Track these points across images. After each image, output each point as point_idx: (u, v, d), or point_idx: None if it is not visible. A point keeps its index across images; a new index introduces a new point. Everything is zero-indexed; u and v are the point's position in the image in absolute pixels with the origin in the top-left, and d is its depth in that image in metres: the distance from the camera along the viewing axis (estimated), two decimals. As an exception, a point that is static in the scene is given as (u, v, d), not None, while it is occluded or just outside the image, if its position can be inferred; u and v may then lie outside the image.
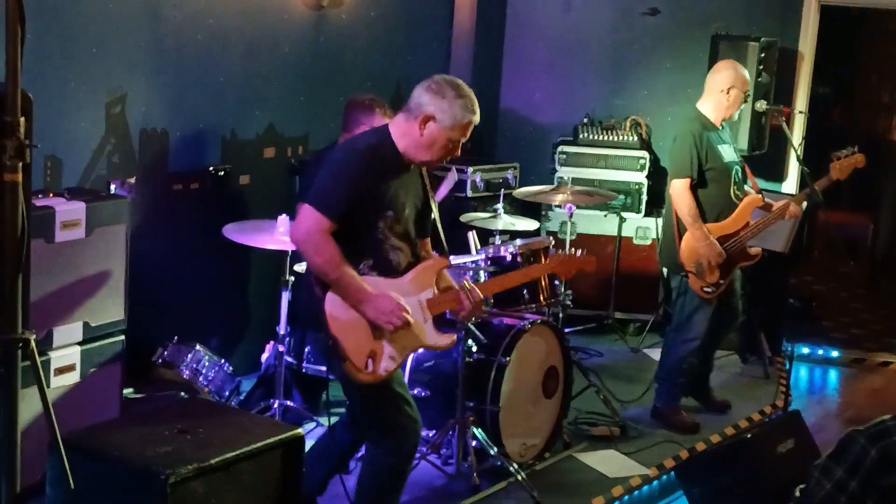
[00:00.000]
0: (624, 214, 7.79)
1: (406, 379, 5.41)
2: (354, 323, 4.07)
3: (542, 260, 5.97)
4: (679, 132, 6.15)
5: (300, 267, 5.32)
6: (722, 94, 6.08)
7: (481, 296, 4.32)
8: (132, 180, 5.55)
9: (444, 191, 6.30)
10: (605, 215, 7.79)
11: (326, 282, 4.06)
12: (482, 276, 5.59)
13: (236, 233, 5.41)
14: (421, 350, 4.36)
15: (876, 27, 11.04)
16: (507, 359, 5.23)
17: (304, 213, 4.05)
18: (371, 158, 4.13)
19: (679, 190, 5.98)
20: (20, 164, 2.99)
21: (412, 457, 4.33)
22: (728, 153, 6.08)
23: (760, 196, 6.15)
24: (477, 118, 4.24)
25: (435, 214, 4.43)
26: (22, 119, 2.98)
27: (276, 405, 5.38)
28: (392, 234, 4.19)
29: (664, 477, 5.53)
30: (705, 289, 6.03)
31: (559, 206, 6.50)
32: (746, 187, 6.22)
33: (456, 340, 4.35)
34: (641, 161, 7.89)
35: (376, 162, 4.13)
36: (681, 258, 6.02)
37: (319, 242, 4.01)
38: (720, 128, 6.13)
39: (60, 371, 4.65)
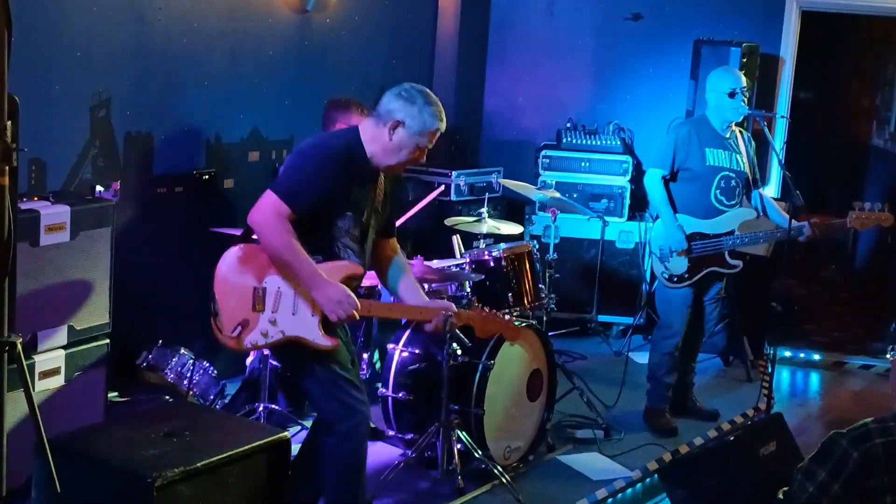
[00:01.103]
0: (607, 218, 7.80)
1: (390, 382, 5.43)
2: (241, 287, 4.17)
3: (526, 264, 6.00)
4: (669, 128, 6.40)
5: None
6: (709, 101, 6.15)
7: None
8: (117, 184, 5.54)
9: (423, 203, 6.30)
10: (588, 219, 7.80)
11: (280, 264, 4.13)
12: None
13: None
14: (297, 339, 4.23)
15: (857, 32, 11.10)
16: (491, 362, 5.24)
17: (268, 199, 4.11)
18: (342, 161, 4.19)
19: (649, 178, 6.17)
20: (6, 168, 2.98)
21: (365, 440, 4.31)
22: (720, 158, 6.10)
23: (754, 210, 6.19)
24: (444, 126, 4.32)
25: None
26: (8, 122, 2.98)
27: (260, 408, 5.39)
28: (347, 236, 4.26)
29: (647, 480, 5.55)
30: (664, 274, 6.12)
31: (542, 211, 6.53)
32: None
33: (335, 345, 4.24)
34: (624, 165, 7.92)
35: (346, 164, 4.19)
36: (650, 241, 6.24)
37: (278, 226, 4.08)
38: (725, 134, 6.15)
39: (45, 375, 4.65)
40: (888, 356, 7.72)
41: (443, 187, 6.43)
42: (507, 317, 4.76)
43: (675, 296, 6.15)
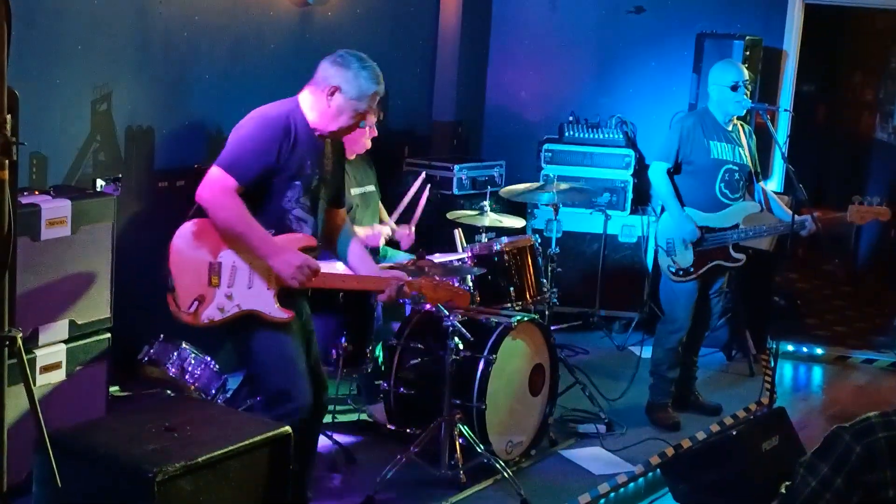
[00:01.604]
0: (609, 212, 7.81)
1: (392, 377, 5.42)
2: (196, 262, 4.20)
3: (528, 258, 5.99)
4: (672, 121, 6.33)
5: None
6: (711, 95, 6.15)
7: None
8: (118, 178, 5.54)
9: (410, 195, 6.27)
10: (591, 213, 7.80)
11: (233, 237, 4.16)
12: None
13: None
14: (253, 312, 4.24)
15: (860, 25, 11.09)
16: (494, 356, 5.24)
17: (213, 174, 4.15)
18: (283, 127, 4.22)
19: (654, 170, 6.16)
20: (6, 162, 2.98)
21: (301, 430, 4.20)
22: (723, 151, 6.08)
23: (758, 204, 6.17)
24: (382, 89, 4.36)
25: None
26: (8, 116, 2.97)
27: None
28: (298, 206, 4.29)
29: (650, 474, 5.55)
30: (670, 268, 6.09)
31: (545, 204, 6.53)
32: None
33: (291, 316, 4.28)
34: (627, 159, 7.91)
35: (287, 131, 4.23)
36: (656, 234, 6.20)
37: (226, 198, 4.11)
38: (727, 127, 6.14)
39: (46, 369, 4.64)
40: None
41: (425, 184, 6.37)
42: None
43: (681, 290, 6.14)
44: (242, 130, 4.26)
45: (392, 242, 6.19)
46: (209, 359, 5.68)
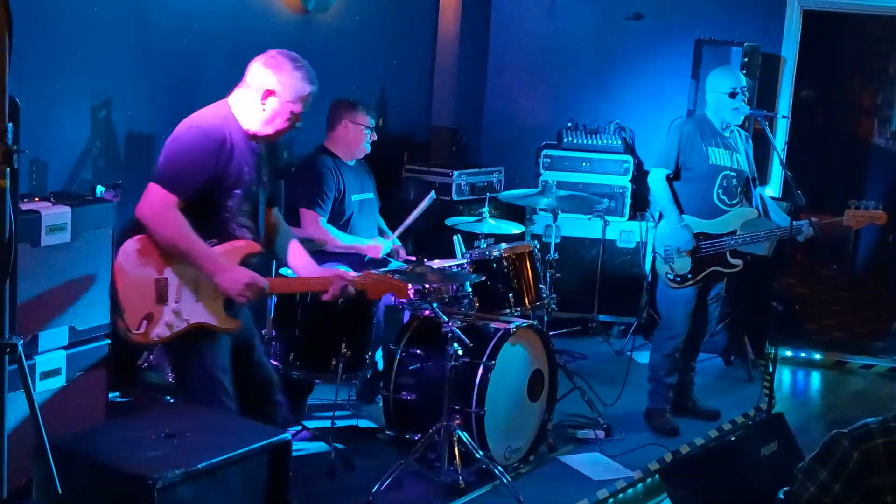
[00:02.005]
0: (608, 218, 7.82)
1: (391, 382, 5.43)
2: (141, 280, 4.15)
3: (527, 264, 6.01)
4: (670, 127, 6.36)
5: (285, 271, 5.34)
6: (708, 101, 6.17)
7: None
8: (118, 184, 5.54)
9: (417, 212, 6.27)
10: (589, 219, 7.81)
11: (176, 255, 4.13)
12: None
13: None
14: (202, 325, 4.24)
15: (858, 31, 11.10)
16: (493, 362, 5.24)
17: (152, 191, 4.11)
18: (219, 138, 4.18)
19: (654, 177, 6.16)
20: (7, 170, 2.98)
21: None
22: (722, 157, 6.10)
23: (756, 210, 6.18)
24: (315, 88, 4.32)
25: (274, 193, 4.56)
26: (9, 124, 2.98)
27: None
28: (240, 214, 4.27)
29: (649, 480, 5.55)
30: (668, 274, 6.10)
31: (544, 210, 6.55)
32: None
33: (239, 326, 4.32)
34: (625, 165, 7.93)
35: (223, 141, 4.18)
36: (655, 241, 6.21)
37: (167, 216, 4.07)
38: (725, 133, 6.15)
39: (46, 375, 4.65)
40: None
41: (432, 195, 6.37)
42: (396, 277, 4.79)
43: (679, 296, 6.14)
44: (177, 144, 4.19)
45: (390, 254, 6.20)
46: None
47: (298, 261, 4.58)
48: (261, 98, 4.22)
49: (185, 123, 4.25)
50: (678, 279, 6.10)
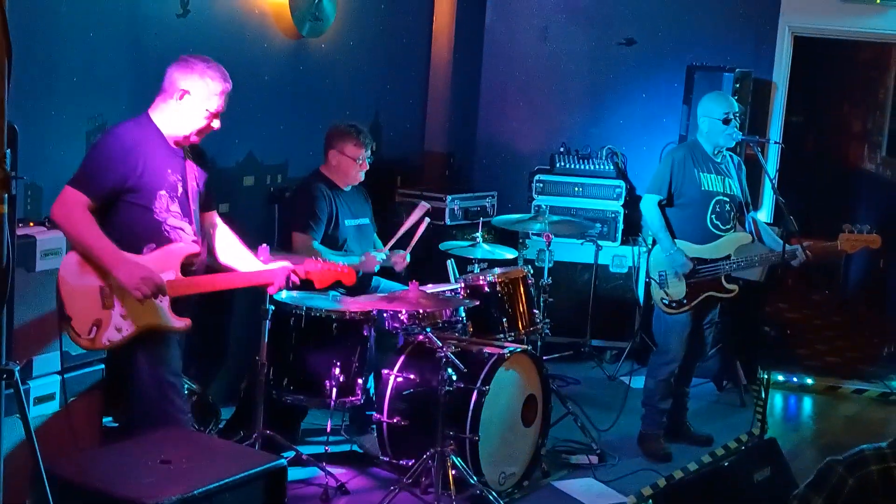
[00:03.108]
0: (600, 242, 7.83)
1: (385, 407, 5.43)
2: (85, 289, 4.25)
3: (520, 289, 6.02)
4: (664, 153, 6.37)
5: (281, 296, 5.34)
6: (700, 126, 6.18)
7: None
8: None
9: (409, 224, 6.26)
10: (582, 243, 7.83)
11: (83, 252, 4.24)
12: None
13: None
14: (150, 327, 4.35)
15: (848, 57, 11.17)
16: (487, 388, 5.24)
17: (64, 192, 4.27)
18: (130, 139, 4.33)
19: (646, 203, 6.18)
20: (6, 196, 2.99)
21: None
22: (714, 183, 6.12)
23: (749, 235, 6.19)
24: (229, 85, 4.47)
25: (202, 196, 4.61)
26: (7, 150, 2.98)
27: (255, 434, 5.37)
28: (169, 215, 4.38)
29: (642, 505, 5.55)
30: (664, 300, 6.10)
31: (537, 235, 6.56)
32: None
33: (188, 325, 4.44)
34: (618, 190, 7.95)
35: (137, 143, 4.33)
36: (648, 267, 6.21)
37: (75, 215, 4.22)
38: (717, 158, 6.18)
39: (40, 400, 4.64)
40: None
41: (427, 215, 6.36)
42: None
43: (675, 322, 6.15)
44: (92, 148, 4.42)
45: (384, 270, 6.19)
46: (202, 388, 5.67)
47: (240, 260, 4.71)
48: (177, 99, 4.40)
49: (102, 135, 4.48)
50: (674, 304, 6.11)
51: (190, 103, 4.41)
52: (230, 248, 4.75)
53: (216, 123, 4.51)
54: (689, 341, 6.22)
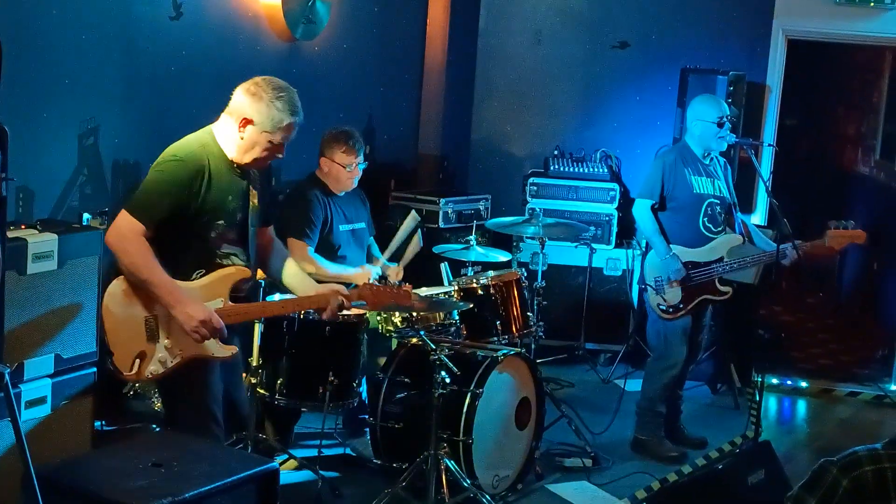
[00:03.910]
0: (594, 245, 7.83)
1: (378, 411, 5.42)
2: (130, 319, 4.10)
3: (514, 292, 6.01)
4: (655, 157, 6.32)
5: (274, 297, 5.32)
6: (692, 130, 6.16)
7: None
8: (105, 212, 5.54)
9: (402, 234, 6.23)
10: (576, 246, 7.82)
11: (138, 283, 4.07)
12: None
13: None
14: (196, 357, 4.20)
15: (842, 61, 11.18)
16: (480, 390, 5.23)
17: (120, 218, 4.07)
18: (194, 168, 4.11)
19: (638, 207, 6.15)
20: (-5, 198, 2.98)
21: None
22: (704, 186, 6.12)
23: (740, 236, 6.18)
24: (297, 119, 4.20)
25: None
26: (-2, 152, 2.98)
27: (247, 437, 5.35)
28: (224, 242, 4.20)
29: (636, 508, 5.55)
30: (661, 306, 6.08)
31: (531, 238, 6.55)
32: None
33: (235, 353, 4.30)
34: (611, 193, 7.95)
35: (201, 170, 4.11)
36: (644, 272, 6.17)
37: (133, 244, 4.02)
38: (706, 161, 6.17)
39: (31, 403, 4.61)
40: None
41: (419, 227, 6.34)
42: (400, 288, 4.61)
43: (674, 327, 6.12)
44: (153, 173, 4.15)
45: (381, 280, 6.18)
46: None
47: (295, 280, 4.52)
48: (238, 126, 4.15)
49: (167, 151, 4.21)
50: (671, 310, 6.09)
51: (251, 132, 4.14)
52: (285, 268, 4.53)
53: (280, 155, 4.27)
54: (689, 345, 6.21)
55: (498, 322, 5.91)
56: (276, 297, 4.95)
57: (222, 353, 4.23)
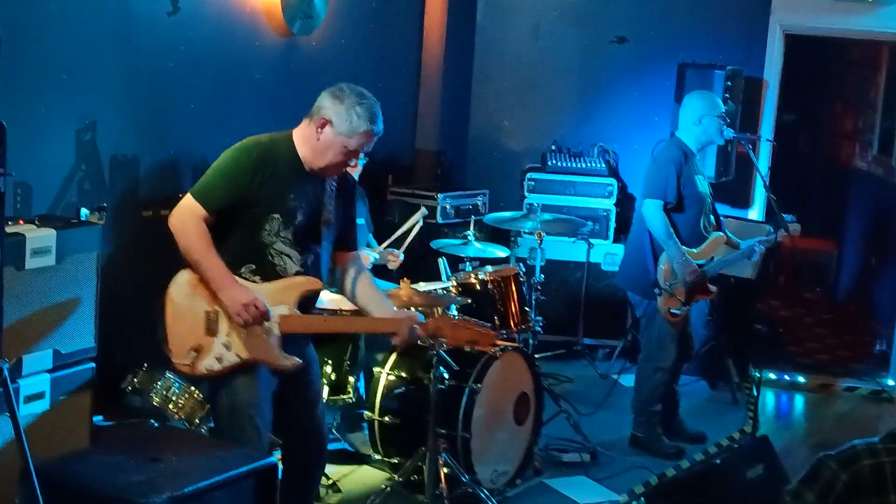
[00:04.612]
0: (592, 240, 7.83)
1: (376, 405, 5.42)
2: (191, 311, 4.09)
3: (512, 287, 6.00)
4: (660, 154, 6.18)
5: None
6: (694, 125, 6.12)
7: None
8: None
9: (405, 227, 6.23)
10: (574, 241, 7.83)
11: (191, 263, 4.07)
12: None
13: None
14: (254, 360, 4.11)
15: (840, 55, 11.18)
16: (479, 385, 5.24)
17: (184, 201, 4.07)
18: (258, 157, 4.08)
19: (652, 209, 5.98)
20: (-6, 193, 2.98)
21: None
22: (703, 183, 6.13)
23: (725, 236, 6.18)
24: (377, 128, 4.16)
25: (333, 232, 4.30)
26: (-4, 147, 2.98)
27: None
28: (278, 239, 4.11)
29: (634, 503, 5.54)
30: (672, 310, 6.06)
31: (529, 233, 6.54)
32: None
33: (296, 364, 4.16)
34: (609, 188, 7.95)
35: (265, 161, 4.08)
36: (657, 276, 6.02)
37: (190, 225, 4.03)
38: (697, 157, 6.17)
39: (30, 399, 4.62)
40: None
41: (420, 221, 6.34)
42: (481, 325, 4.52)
43: (670, 330, 6.11)
44: (220, 159, 4.15)
45: (376, 269, 6.18)
46: (193, 388, 5.65)
47: (370, 302, 4.35)
48: (317, 127, 4.11)
49: (241, 142, 4.20)
50: (679, 312, 6.06)
51: (328, 135, 4.09)
52: (358, 287, 4.37)
53: (353, 163, 4.21)
54: (681, 344, 6.23)
55: (496, 317, 5.91)
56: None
57: (284, 362, 4.13)
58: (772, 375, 7.85)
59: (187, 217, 4.04)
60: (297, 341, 4.19)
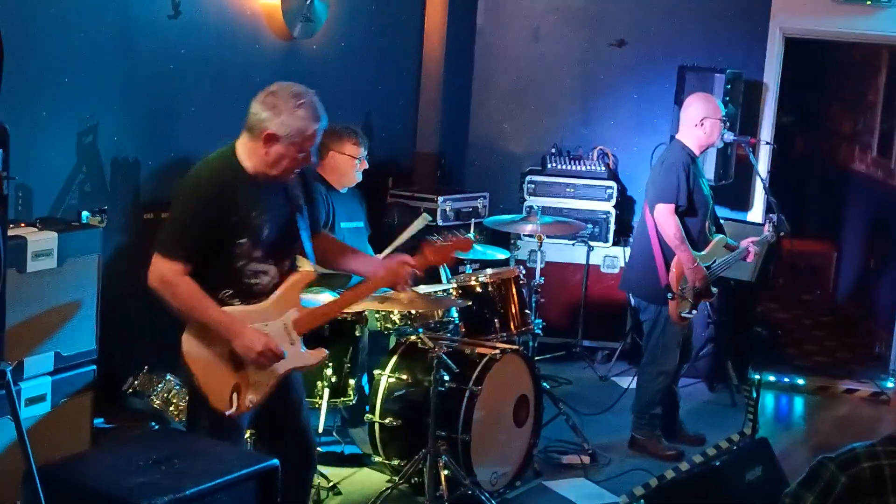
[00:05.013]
0: (592, 243, 7.84)
1: (377, 408, 5.43)
2: (214, 359, 4.02)
3: (512, 290, 6.01)
4: (668, 158, 6.16)
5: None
6: (696, 127, 6.12)
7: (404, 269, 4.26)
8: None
9: (408, 234, 6.23)
10: (573, 244, 7.84)
11: (192, 322, 4.01)
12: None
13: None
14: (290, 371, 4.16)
15: (838, 58, 11.19)
16: (479, 388, 5.25)
17: (158, 262, 3.95)
18: (214, 191, 3.96)
19: (665, 214, 5.97)
20: (-3, 196, 2.99)
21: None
22: (706, 187, 6.14)
23: (725, 238, 6.19)
24: (322, 123, 4.02)
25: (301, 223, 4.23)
26: (-1, 150, 2.98)
27: (247, 434, 5.35)
28: (252, 260, 4.03)
29: (634, 505, 5.56)
30: (683, 313, 6.05)
31: (529, 235, 6.56)
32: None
33: (325, 355, 4.25)
34: (609, 190, 7.96)
35: (221, 192, 3.96)
36: (669, 281, 6.01)
37: (177, 287, 3.92)
38: (698, 160, 6.18)
39: (31, 401, 4.63)
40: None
41: (425, 221, 6.34)
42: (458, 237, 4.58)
43: (675, 334, 6.12)
44: (175, 208, 4.06)
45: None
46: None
47: (359, 264, 4.43)
48: (262, 142, 3.94)
49: (185, 178, 4.08)
50: (689, 315, 6.06)
51: (278, 147, 3.94)
52: (345, 256, 4.43)
53: (308, 162, 4.09)
54: (682, 347, 6.25)
55: (496, 320, 5.93)
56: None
57: (313, 361, 4.20)
58: (771, 377, 7.86)
59: (169, 278, 3.93)
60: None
